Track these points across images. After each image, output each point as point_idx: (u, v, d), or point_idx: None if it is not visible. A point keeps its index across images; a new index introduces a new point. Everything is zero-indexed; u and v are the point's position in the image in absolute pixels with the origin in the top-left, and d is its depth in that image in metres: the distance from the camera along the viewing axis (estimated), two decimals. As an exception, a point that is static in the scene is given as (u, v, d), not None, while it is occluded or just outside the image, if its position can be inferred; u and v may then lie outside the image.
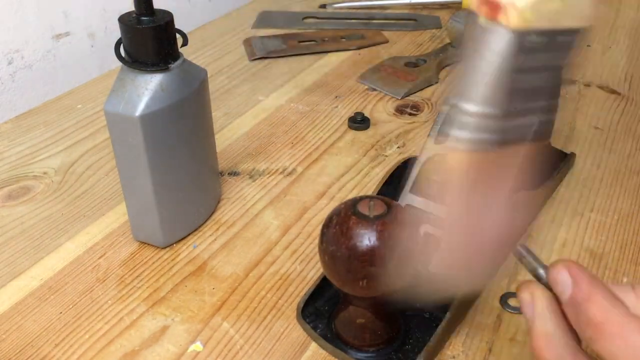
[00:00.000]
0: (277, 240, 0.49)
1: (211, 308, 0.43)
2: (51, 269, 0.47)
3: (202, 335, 0.41)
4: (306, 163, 0.59)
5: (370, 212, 0.34)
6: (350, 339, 0.39)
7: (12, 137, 0.64)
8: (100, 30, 0.79)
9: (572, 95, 0.69)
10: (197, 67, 0.47)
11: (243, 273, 0.46)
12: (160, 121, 0.43)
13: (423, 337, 0.40)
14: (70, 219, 0.52)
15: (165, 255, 0.48)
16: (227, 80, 0.75)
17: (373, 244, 0.33)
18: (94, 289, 0.45)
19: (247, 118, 0.67)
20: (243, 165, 0.59)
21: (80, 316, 0.43)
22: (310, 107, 0.68)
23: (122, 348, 0.41)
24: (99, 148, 0.62)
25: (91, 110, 0.69)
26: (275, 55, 0.79)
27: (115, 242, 0.49)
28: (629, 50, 0.80)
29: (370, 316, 0.38)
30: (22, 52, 0.70)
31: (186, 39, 0.46)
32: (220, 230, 0.51)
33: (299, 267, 0.47)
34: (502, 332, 0.41)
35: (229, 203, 0.54)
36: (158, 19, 0.42)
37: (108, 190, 0.56)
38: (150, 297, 0.44)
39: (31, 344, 0.41)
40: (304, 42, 0.84)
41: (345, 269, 0.34)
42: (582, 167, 0.57)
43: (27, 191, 0.56)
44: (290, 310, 0.43)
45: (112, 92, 0.43)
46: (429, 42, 0.84)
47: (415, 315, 0.42)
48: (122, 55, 0.43)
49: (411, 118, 0.66)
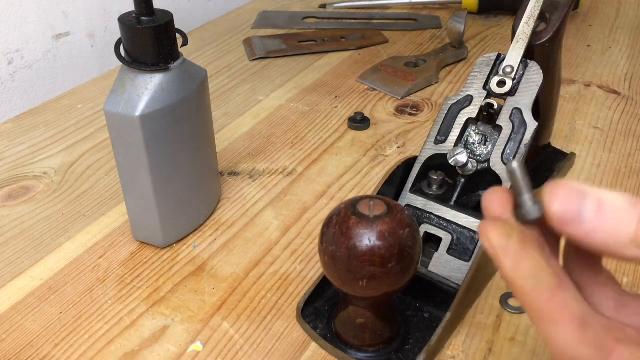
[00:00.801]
0: (277, 240, 0.49)
1: (211, 308, 0.43)
2: (51, 269, 0.47)
3: (202, 335, 0.41)
4: (306, 163, 0.59)
5: (370, 212, 0.34)
6: (350, 339, 0.39)
7: (12, 137, 0.64)
8: (100, 30, 0.79)
9: (572, 95, 0.69)
10: (197, 67, 0.47)
11: (243, 273, 0.46)
12: (160, 121, 0.43)
13: (423, 337, 0.40)
14: (70, 219, 0.52)
15: (165, 255, 0.48)
16: (227, 80, 0.75)
17: (373, 244, 0.33)
18: (94, 289, 0.45)
19: (247, 118, 0.67)
20: (243, 165, 0.59)
21: (80, 316, 0.43)
22: (310, 107, 0.68)
23: (122, 348, 0.41)
24: (99, 148, 0.62)
25: (91, 110, 0.69)
26: (275, 55, 0.79)
27: (115, 242, 0.49)
28: (629, 50, 0.80)
29: (370, 316, 0.38)
30: (22, 52, 0.70)
31: (186, 39, 0.46)
32: (220, 230, 0.51)
33: (299, 267, 0.47)
34: (502, 332, 0.41)
35: (229, 203, 0.54)
36: (158, 19, 0.42)
37: (108, 190, 0.56)
38: (150, 297, 0.44)
39: (31, 344, 0.41)
40: (304, 42, 0.84)
41: (345, 269, 0.34)
42: (582, 167, 0.57)
43: (27, 191, 0.56)
44: (290, 310, 0.43)
45: (112, 92, 0.43)
46: (429, 42, 0.84)
47: (415, 315, 0.42)
48: (122, 55, 0.43)
49: (411, 118, 0.66)
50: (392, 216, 0.34)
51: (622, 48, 0.80)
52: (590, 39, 0.83)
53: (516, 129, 0.43)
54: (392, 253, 0.33)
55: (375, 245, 0.33)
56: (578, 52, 0.79)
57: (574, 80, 0.72)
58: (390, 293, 0.35)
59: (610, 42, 0.82)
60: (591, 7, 0.94)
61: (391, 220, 0.34)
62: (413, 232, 0.34)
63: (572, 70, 0.74)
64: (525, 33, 0.43)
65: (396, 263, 0.34)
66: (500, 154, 0.43)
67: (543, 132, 0.49)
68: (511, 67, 0.43)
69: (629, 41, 0.82)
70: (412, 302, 0.42)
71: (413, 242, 0.34)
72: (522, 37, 0.44)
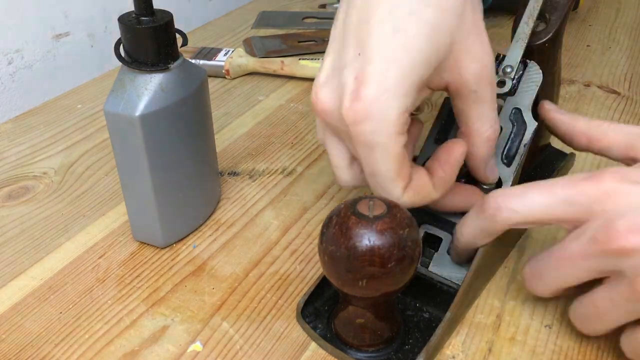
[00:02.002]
0: (277, 240, 0.49)
1: (211, 308, 0.43)
2: (51, 269, 0.47)
3: (202, 335, 0.41)
4: (306, 163, 0.59)
5: (370, 212, 0.34)
6: (349, 339, 0.39)
7: (12, 137, 0.64)
8: (100, 30, 0.79)
9: (572, 95, 0.69)
10: (197, 67, 0.47)
11: (243, 273, 0.46)
12: (160, 121, 0.43)
13: (423, 337, 0.40)
14: (70, 219, 0.52)
15: (165, 255, 0.48)
16: (227, 80, 0.75)
17: (373, 244, 0.33)
18: (94, 289, 0.45)
19: (247, 118, 0.67)
20: (243, 165, 0.59)
21: (80, 316, 0.43)
22: (310, 107, 0.68)
23: (122, 348, 0.41)
24: (99, 148, 0.62)
25: (91, 110, 0.69)
26: (275, 55, 0.79)
27: (115, 242, 0.49)
28: (629, 50, 0.80)
29: (370, 316, 0.38)
30: (22, 52, 0.70)
31: (186, 39, 0.46)
32: (220, 230, 0.51)
33: (298, 267, 0.47)
34: (502, 332, 0.41)
35: (229, 203, 0.54)
36: (158, 19, 0.42)
37: (108, 190, 0.56)
38: (150, 297, 0.44)
39: (31, 344, 0.41)
40: (304, 42, 0.84)
41: (345, 269, 0.34)
42: (582, 167, 0.57)
43: (27, 191, 0.56)
44: (290, 310, 0.43)
45: (112, 92, 0.43)
46: (429, 42, 0.83)
47: (415, 315, 0.42)
48: (122, 55, 0.43)
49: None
50: (392, 216, 0.34)
51: (621, 48, 0.80)
52: (590, 39, 0.83)
53: (516, 129, 0.43)
54: (392, 253, 0.33)
55: (375, 245, 0.33)
56: (578, 52, 0.79)
57: (574, 80, 0.72)
58: (390, 293, 0.35)
59: (610, 42, 0.82)
60: (591, 7, 0.94)
61: (391, 220, 0.34)
62: (413, 232, 0.34)
63: (571, 70, 0.74)
64: (524, 33, 0.43)
65: (396, 263, 0.34)
66: (500, 154, 0.43)
67: (543, 132, 0.49)
68: (511, 67, 0.43)
69: (628, 41, 0.82)
70: (412, 302, 0.42)
71: (413, 242, 0.34)
72: (521, 37, 0.43)
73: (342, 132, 0.38)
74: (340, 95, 0.36)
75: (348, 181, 0.41)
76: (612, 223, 0.33)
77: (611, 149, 0.41)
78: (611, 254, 0.33)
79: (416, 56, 0.35)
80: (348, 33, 0.37)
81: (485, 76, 0.38)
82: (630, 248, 0.33)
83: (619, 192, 0.34)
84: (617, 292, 0.34)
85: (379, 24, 0.35)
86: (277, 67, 0.74)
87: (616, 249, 0.33)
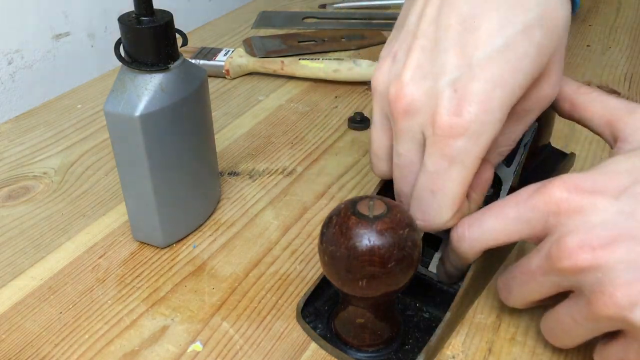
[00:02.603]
0: (277, 240, 0.49)
1: (211, 308, 0.43)
2: (51, 269, 0.47)
3: (202, 335, 0.41)
4: (306, 163, 0.59)
5: (370, 212, 0.34)
6: (349, 339, 0.39)
7: (12, 137, 0.64)
8: (100, 30, 0.79)
9: (572, 95, 0.69)
10: (197, 67, 0.47)
11: (243, 273, 0.46)
12: (160, 121, 0.43)
13: (423, 337, 0.40)
14: (70, 219, 0.52)
15: (165, 255, 0.48)
16: (227, 80, 0.75)
17: (373, 244, 0.33)
18: (94, 289, 0.45)
19: (247, 118, 0.67)
20: (243, 165, 0.59)
21: (80, 316, 0.43)
22: (310, 107, 0.68)
23: (122, 348, 0.41)
24: (99, 148, 0.62)
25: (91, 110, 0.69)
26: (275, 55, 0.79)
27: (115, 242, 0.49)
28: (629, 50, 0.80)
29: (370, 316, 0.38)
30: (22, 52, 0.70)
31: (186, 39, 0.46)
32: (220, 230, 0.51)
33: (298, 267, 0.47)
34: (502, 332, 0.41)
35: (229, 203, 0.54)
36: (158, 19, 0.42)
37: (108, 190, 0.56)
38: (150, 297, 0.44)
39: (31, 344, 0.41)
40: (304, 42, 0.84)
41: (345, 269, 0.34)
42: (582, 167, 0.57)
43: (27, 191, 0.56)
44: (290, 310, 0.43)
45: (112, 92, 0.43)
46: (429, 42, 0.83)
47: (415, 315, 0.42)
48: (122, 55, 0.43)
49: (411, 118, 0.66)
50: (392, 216, 0.34)
51: (621, 48, 0.80)
52: (590, 39, 0.83)
53: None
54: (392, 253, 0.33)
55: (375, 245, 0.33)
56: (578, 52, 0.79)
57: (574, 80, 0.72)
58: (390, 293, 0.35)
59: (610, 42, 0.82)
60: (591, 7, 0.94)
61: (391, 220, 0.34)
62: (413, 232, 0.34)
63: (572, 70, 0.74)
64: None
65: (396, 263, 0.34)
66: (500, 154, 0.43)
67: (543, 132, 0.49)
68: None
69: (628, 41, 0.82)
70: (412, 302, 0.42)
71: (413, 242, 0.34)
72: None
73: (409, 133, 0.36)
74: (434, 100, 0.35)
75: (385, 172, 0.41)
76: (563, 239, 0.32)
77: (592, 121, 0.40)
78: (564, 272, 0.33)
79: (521, 80, 0.34)
80: (447, 36, 0.35)
81: (550, 101, 0.38)
82: (581, 266, 0.32)
83: (571, 203, 0.33)
84: (577, 311, 0.34)
85: (489, 38, 0.34)
86: (277, 67, 0.74)
87: (567, 267, 0.32)
